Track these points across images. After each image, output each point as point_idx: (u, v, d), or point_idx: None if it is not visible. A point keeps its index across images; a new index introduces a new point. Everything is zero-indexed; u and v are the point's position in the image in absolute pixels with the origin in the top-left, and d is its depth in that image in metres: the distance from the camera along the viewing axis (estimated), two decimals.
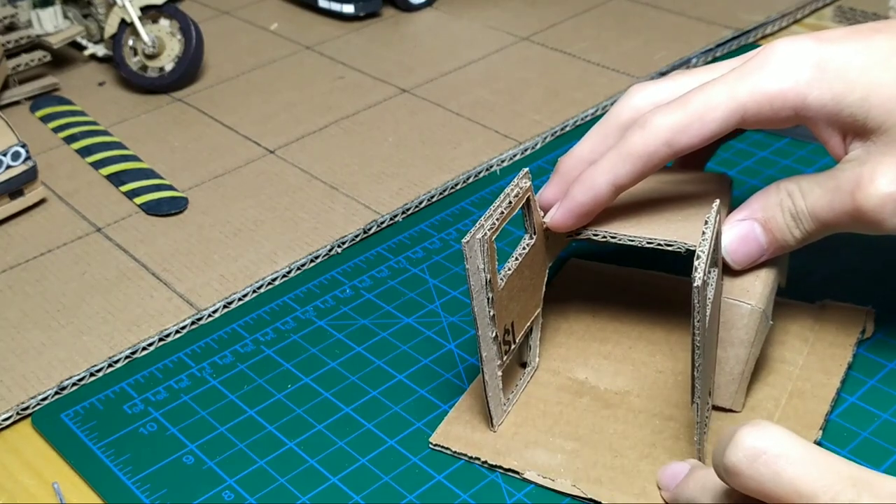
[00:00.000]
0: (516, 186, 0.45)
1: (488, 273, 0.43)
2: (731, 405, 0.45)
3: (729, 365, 0.45)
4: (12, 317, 0.55)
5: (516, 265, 0.45)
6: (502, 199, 0.44)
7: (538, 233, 0.47)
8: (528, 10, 0.83)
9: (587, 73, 0.73)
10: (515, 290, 0.45)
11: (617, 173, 0.45)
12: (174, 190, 0.64)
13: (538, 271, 0.48)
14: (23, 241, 0.61)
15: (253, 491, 0.45)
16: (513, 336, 0.46)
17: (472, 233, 0.42)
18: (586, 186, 0.46)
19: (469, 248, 0.42)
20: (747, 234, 0.45)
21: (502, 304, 0.44)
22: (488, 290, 0.43)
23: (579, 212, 0.46)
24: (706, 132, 0.44)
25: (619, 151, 0.45)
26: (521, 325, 0.47)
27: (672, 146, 0.44)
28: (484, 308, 0.43)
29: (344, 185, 0.64)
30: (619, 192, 0.46)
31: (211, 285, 0.56)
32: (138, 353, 0.53)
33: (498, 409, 0.46)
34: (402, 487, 0.44)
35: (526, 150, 0.66)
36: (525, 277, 0.46)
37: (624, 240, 0.46)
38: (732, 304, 0.44)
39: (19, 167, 0.62)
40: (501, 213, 0.44)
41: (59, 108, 0.74)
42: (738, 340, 0.44)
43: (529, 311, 0.48)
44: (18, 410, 0.50)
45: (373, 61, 0.77)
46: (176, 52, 0.75)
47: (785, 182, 0.45)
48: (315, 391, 0.49)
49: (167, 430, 0.48)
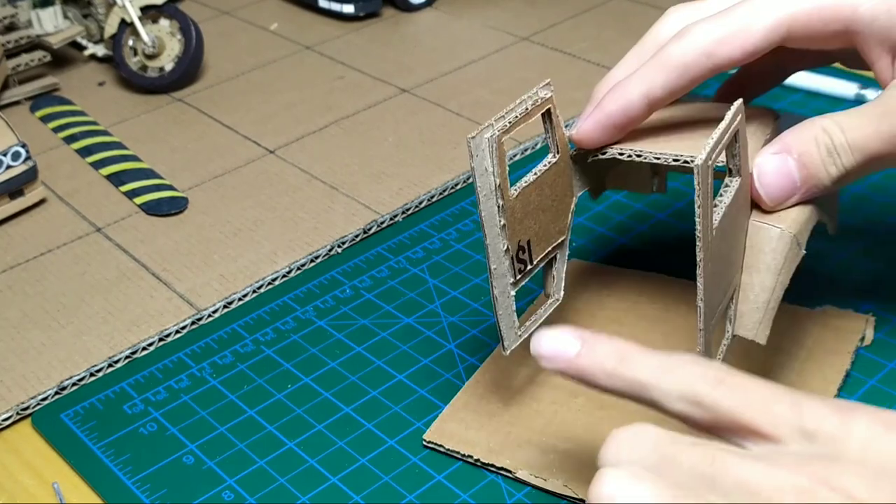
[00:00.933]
0: (535, 94, 0.42)
1: (497, 177, 0.40)
2: (754, 336, 0.42)
3: (753, 292, 0.42)
4: (12, 317, 0.55)
5: (534, 179, 0.42)
6: (517, 104, 0.41)
7: (562, 152, 0.44)
8: (528, 10, 0.83)
9: (587, 73, 0.73)
10: (532, 207, 0.42)
11: (651, 84, 0.42)
12: (174, 190, 0.64)
13: (562, 195, 0.44)
14: (23, 241, 0.61)
15: (253, 491, 0.45)
16: (529, 256, 0.43)
17: (480, 131, 0.39)
18: (617, 95, 0.43)
19: (475, 146, 0.39)
20: (780, 167, 0.42)
21: (515, 217, 0.41)
22: (498, 196, 0.40)
23: (608, 122, 0.43)
24: (749, 44, 0.41)
25: (655, 61, 0.42)
26: (540, 248, 0.44)
27: (711, 57, 0.42)
28: (493, 215, 0.40)
29: (344, 185, 0.64)
30: (652, 106, 0.43)
31: (211, 285, 0.56)
32: (138, 353, 0.53)
33: (510, 332, 0.43)
34: (402, 487, 0.44)
35: (526, 150, 0.66)
36: (545, 196, 0.43)
37: (649, 157, 0.43)
38: (760, 226, 0.42)
39: (19, 167, 0.62)
40: (515, 116, 0.41)
41: (59, 108, 0.74)
42: (764, 266, 0.41)
43: (551, 235, 0.44)
44: (18, 410, 0.50)
45: (373, 61, 0.77)
46: (176, 52, 0.75)
47: (819, 118, 0.42)
48: (315, 391, 0.49)
49: (167, 430, 0.48)
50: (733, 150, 0.40)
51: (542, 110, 0.42)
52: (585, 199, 0.49)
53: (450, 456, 0.45)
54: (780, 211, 0.42)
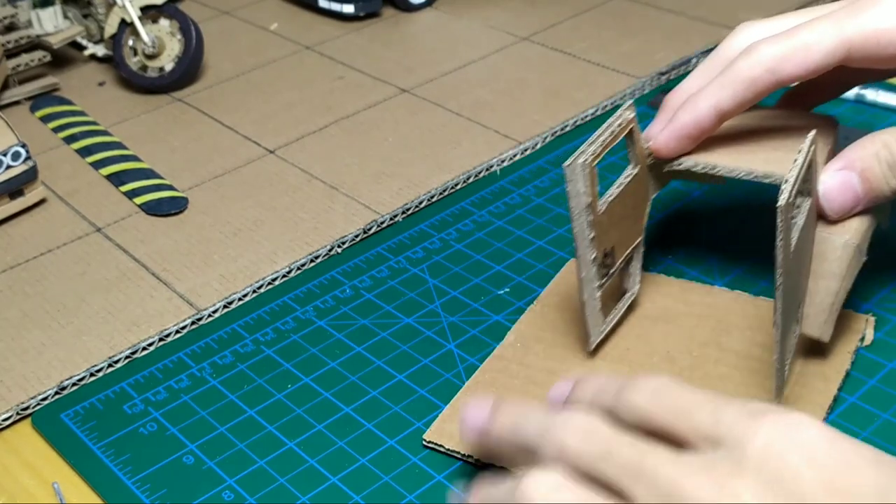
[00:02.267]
0: (620, 116, 0.47)
1: (589, 196, 0.45)
2: (820, 335, 0.46)
3: (819, 296, 0.46)
4: (12, 317, 0.55)
5: (618, 192, 0.47)
6: (605, 128, 0.46)
7: (641, 164, 0.49)
8: (528, 10, 0.83)
9: (587, 74, 0.73)
10: (616, 217, 0.47)
11: (720, 98, 0.47)
12: (174, 190, 0.64)
13: (640, 202, 0.50)
14: (23, 241, 0.61)
15: (253, 491, 0.45)
16: (612, 260, 0.48)
17: (574, 157, 0.44)
18: (689, 109, 0.47)
19: (570, 171, 0.44)
20: (844, 183, 0.46)
21: (602, 229, 0.46)
22: (588, 213, 0.45)
23: (682, 134, 0.48)
24: (810, 62, 0.45)
25: (723, 77, 0.47)
26: (622, 251, 0.49)
27: (775, 73, 0.46)
28: (584, 230, 0.45)
29: (344, 185, 0.64)
30: (721, 118, 0.47)
31: (211, 285, 0.56)
32: (138, 353, 0.53)
33: (596, 330, 0.48)
34: (402, 487, 0.44)
35: (526, 150, 0.66)
36: (627, 206, 0.48)
37: (723, 171, 0.48)
38: (826, 237, 0.46)
39: (19, 167, 0.62)
40: (604, 140, 0.46)
41: (59, 109, 0.74)
42: (829, 273, 0.45)
43: (630, 238, 0.50)
44: (18, 410, 0.50)
45: (373, 61, 0.77)
46: (176, 52, 0.75)
47: (880, 133, 0.46)
48: (315, 391, 0.49)
49: (167, 430, 0.48)
50: (808, 175, 0.44)
51: (626, 131, 0.47)
52: None
53: (450, 456, 0.45)
54: (843, 220, 0.47)
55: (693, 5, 0.81)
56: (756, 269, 0.54)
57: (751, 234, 0.56)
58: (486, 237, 0.58)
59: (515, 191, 0.62)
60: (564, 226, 0.59)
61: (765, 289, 0.52)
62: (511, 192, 0.62)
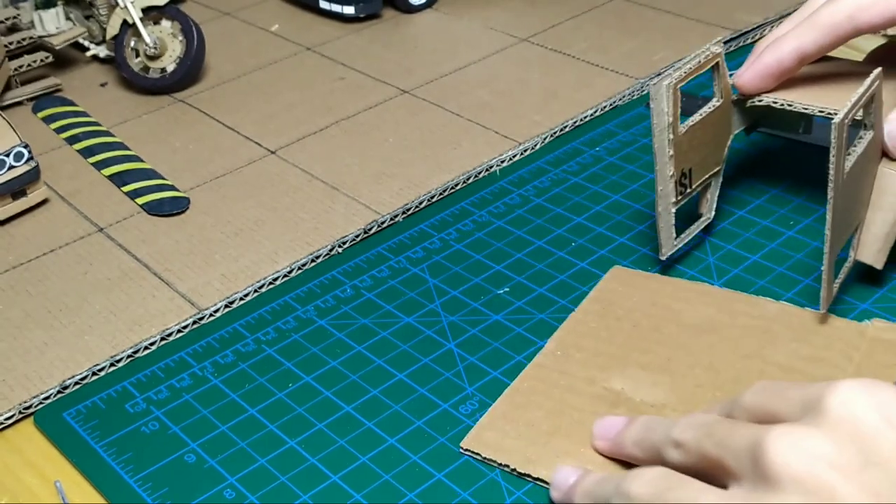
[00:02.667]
0: (707, 50, 0.51)
1: (670, 116, 0.49)
2: (873, 262, 0.50)
3: (876, 226, 0.50)
4: (14, 317, 0.56)
5: (699, 119, 0.52)
6: (692, 58, 0.51)
7: (725, 98, 0.53)
8: (528, 10, 0.83)
9: (587, 74, 0.74)
10: (696, 142, 0.51)
11: (802, 41, 0.51)
12: (176, 190, 0.65)
13: (721, 132, 0.54)
14: (25, 241, 0.62)
15: (254, 489, 0.45)
16: (689, 181, 0.52)
17: (660, 79, 0.49)
18: (773, 50, 0.52)
19: (655, 91, 0.49)
20: None
21: (681, 149, 0.50)
22: (669, 132, 0.49)
23: (764, 72, 0.52)
24: (888, 12, 0.49)
25: (807, 22, 0.51)
26: (699, 175, 0.53)
27: (854, 20, 0.50)
28: (664, 147, 0.49)
29: (344, 185, 0.64)
30: (802, 60, 0.52)
31: (212, 285, 0.57)
32: (140, 352, 0.53)
33: (668, 242, 0.52)
34: (402, 486, 0.44)
35: (526, 151, 0.66)
36: (707, 133, 0.52)
37: (798, 107, 0.52)
38: (887, 172, 0.50)
39: (22, 167, 0.63)
40: (689, 68, 0.50)
41: (61, 109, 0.75)
42: (887, 205, 0.49)
43: (709, 165, 0.54)
44: (21, 409, 0.50)
45: (373, 62, 0.78)
46: (177, 53, 0.75)
47: None
48: (316, 390, 0.50)
49: (169, 428, 0.48)
50: (869, 109, 0.48)
51: (711, 63, 0.52)
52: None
53: (487, 464, 0.45)
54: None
55: (692, 6, 0.81)
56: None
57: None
58: (486, 237, 0.59)
59: (515, 191, 0.62)
60: (564, 226, 0.59)
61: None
62: (511, 193, 0.62)
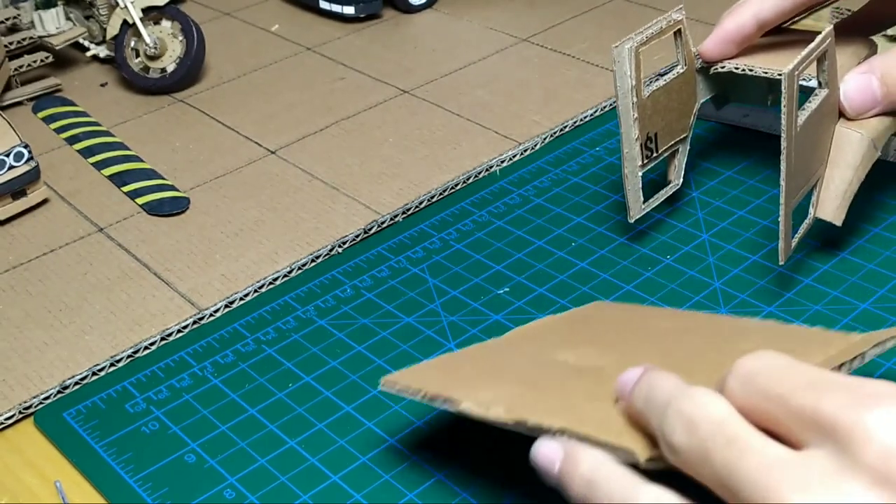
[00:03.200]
0: (668, 16, 0.53)
1: (633, 79, 0.50)
2: (832, 218, 0.51)
3: (834, 183, 0.51)
4: (15, 316, 0.56)
5: (663, 84, 0.53)
6: (654, 23, 0.52)
7: (689, 64, 0.55)
8: (527, 10, 0.83)
9: (587, 74, 0.74)
10: (661, 107, 0.53)
11: (761, 7, 0.53)
12: (176, 190, 0.65)
13: (686, 99, 0.55)
14: (25, 241, 0.62)
15: (254, 489, 0.45)
16: (655, 146, 0.53)
17: (623, 42, 0.50)
18: (733, 16, 0.54)
19: (618, 54, 0.50)
20: (865, 84, 0.51)
21: (645, 113, 0.52)
22: (633, 94, 0.51)
23: (725, 37, 0.54)
24: None
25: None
26: (665, 140, 0.54)
27: None
28: (629, 110, 0.51)
29: (344, 185, 0.64)
30: (762, 24, 0.53)
31: (212, 285, 0.57)
32: (140, 352, 0.53)
33: (636, 205, 0.54)
34: (402, 485, 0.44)
35: (526, 151, 0.66)
36: (672, 99, 0.54)
37: (758, 71, 0.53)
38: (844, 131, 0.51)
39: (22, 167, 0.63)
40: (651, 32, 0.51)
41: (61, 109, 0.75)
42: (844, 163, 0.51)
43: (675, 131, 0.55)
44: (21, 409, 0.50)
45: (373, 62, 0.78)
46: (177, 53, 0.75)
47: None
48: (316, 390, 0.50)
49: (169, 428, 0.48)
50: (822, 66, 0.50)
51: (674, 29, 0.53)
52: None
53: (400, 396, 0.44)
54: (862, 120, 0.51)
55: (692, 6, 0.81)
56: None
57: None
58: (486, 237, 0.59)
59: (515, 191, 0.62)
60: (564, 226, 0.59)
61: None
62: (511, 192, 0.62)
